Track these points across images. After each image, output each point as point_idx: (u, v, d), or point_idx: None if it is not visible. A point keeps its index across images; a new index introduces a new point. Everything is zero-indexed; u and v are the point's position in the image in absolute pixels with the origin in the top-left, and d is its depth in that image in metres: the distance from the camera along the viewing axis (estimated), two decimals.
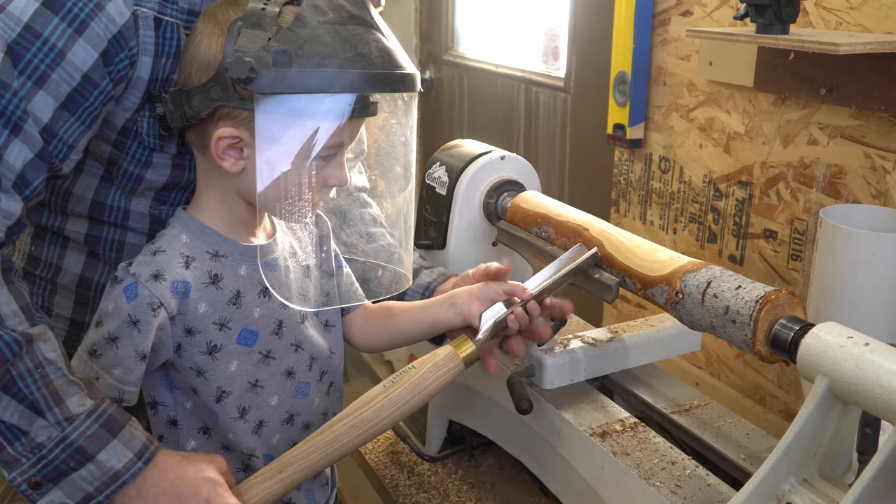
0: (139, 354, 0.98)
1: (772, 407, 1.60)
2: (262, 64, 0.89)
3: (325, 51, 0.91)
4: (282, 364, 1.11)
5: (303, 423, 1.15)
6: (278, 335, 1.10)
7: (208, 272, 1.03)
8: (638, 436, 1.16)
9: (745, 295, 0.96)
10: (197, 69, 0.96)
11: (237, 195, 1.03)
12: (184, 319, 1.02)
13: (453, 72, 2.76)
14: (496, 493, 1.47)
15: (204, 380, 1.05)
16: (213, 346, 1.04)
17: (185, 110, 0.97)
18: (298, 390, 1.14)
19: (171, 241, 1.03)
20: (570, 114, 2.19)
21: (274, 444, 1.12)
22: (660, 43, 1.78)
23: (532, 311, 1.12)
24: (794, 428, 0.86)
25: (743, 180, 1.61)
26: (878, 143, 1.34)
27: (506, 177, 1.49)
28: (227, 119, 0.95)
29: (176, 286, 1.00)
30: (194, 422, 1.09)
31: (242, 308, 1.06)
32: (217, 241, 1.05)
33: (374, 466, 1.59)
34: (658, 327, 1.36)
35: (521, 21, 2.48)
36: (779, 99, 1.50)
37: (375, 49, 0.94)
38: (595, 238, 1.21)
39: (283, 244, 1.12)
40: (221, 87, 0.93)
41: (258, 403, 1.09)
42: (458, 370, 1.06)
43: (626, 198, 1.96)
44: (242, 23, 0.92)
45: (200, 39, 0.96)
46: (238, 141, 0.96)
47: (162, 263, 1.00)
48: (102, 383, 0.98)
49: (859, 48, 1.19)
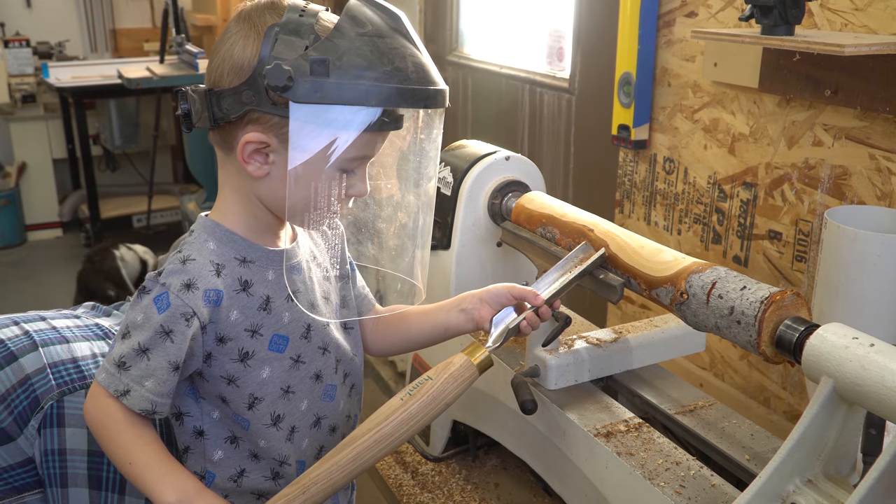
0: (172, 365, 0.97)
1: (776, 408, 1.60)
2: (300, 72, 0.89)
3: (363, 63, 0.90)
4: (311, 368, 1.10)
5: (329, 425, 1.15)
6: (307, 339, 1.09)
7: (238, 279, 1.02)
8: (642, 436, 1.16)
9: (751, 296, 0.96)
10: (229, 71, 0.94)
11: (259, 200, 1.02)
12: (215, 328, 1.00)
13: (458, 72, 2.76)
14: (500, 493, 1.47)
15: (235, 387, 1.03)
16: (245, 354, 1.03)
17: (213, 111, 0.96)
18: (326, 393, 1.13)
19: (198, 248, 1.01)
20: (575, 114, 2.19)
21: (304, 449, 1.11)
22: (665, 44, 1.78)
23: (544, 315, 1.12)
24: (798, 428, 0.86)
25: (748, 181, 1.61)
26: (884, 145, 1.34)
27: (510, 177, 1.49)
28: (257, 123, 0.95)
29: (209, 295, 0.99)
30: (222, 431, 1.07)
31: (273, 313, 1.05)
32: (244, 246, 1.03)
33: (379, 466, 1.59)
34: (662, 328, 1.36)
35: (526, 22, 2.48)
36: (784, 100, 1.50)
37: (412, 64, 0.93)
38: (600, 239, 1.21)
39: (304, 248, 1.12)
40: (254, 92, 0.92)
41: (290, 410, 1.08)
42: (473, 378, 1.05)
43: (630, 199, 1.96)
44: (280, 29, 0.92)
45: (235, 41, 0.94)
46: (265, 146, 0.96)
47: (193, 272, 0.99)
48: (134, 396, 0.96)
49: (864, 49, 1.19)
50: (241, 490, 1.08)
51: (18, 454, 1.14)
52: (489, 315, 1.12)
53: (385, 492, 1.54)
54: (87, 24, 5.61)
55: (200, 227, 1.03)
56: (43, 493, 1.16)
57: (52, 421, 1.14)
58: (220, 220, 1.04)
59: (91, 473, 1.16)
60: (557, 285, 1.14)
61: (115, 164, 5.30)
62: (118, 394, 0.96)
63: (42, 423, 1.14)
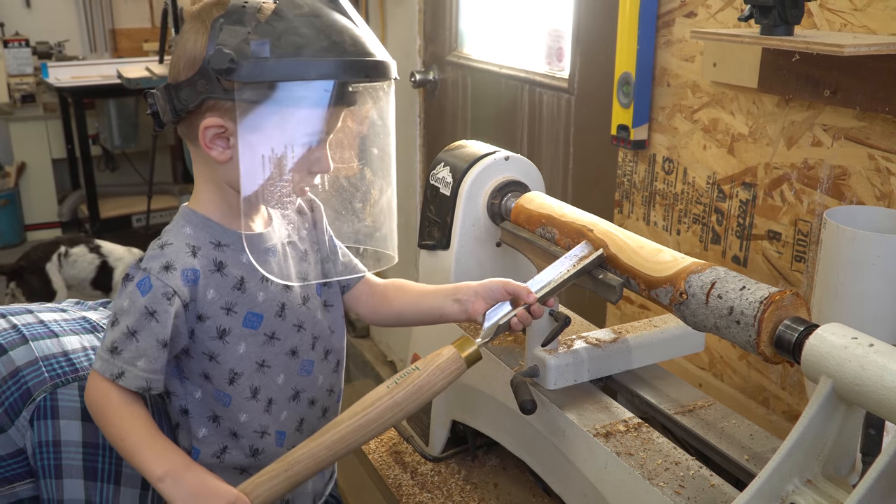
0: (160, 343, 1.04)
1: (775, 408, 1.60)
2: (242, 55, 0.95)
3: (300, 41, 0.97)
4: (286, 344, 1.16)
5: (308, 399, 1.21)
6: (281, 317, 1.15)
7: (213, 260, 1.09)
8: (641, 436, 1.16)
9: (750, 296, 0.96)
10: (184, 65, 1.02)
11: (229, 185, 1.08)
12: (195, 306, 1.07)
13: (457, 72, 2.76)
14: (499, 494, 1.47)
15: (216, 364, 1.11)
16: (222, 331, 1.10)
17: (174, 104, 1.03)
18: (303, 368, 1.19)
19: (176, 233, 1.09)
20: (574, 115, 2.19)
21: (283, 420, 1.18)
22: (664, 44, 1.78)
23: (536, 312, 1.14)
24: (797, 428, 0.86)
25: (747, 182, 1.61)
26: (883, 145, 1.34)
27: (510, 177, 1.49)
28: (214, 110, 1.02)
29: (186, 274, 1.06)
30: (204, 410, 1.14)
31: (247, 293, 1.12)
32: (218, 231, 1.10)
33: (378, 466, 1.59)
34: (662, 328, 1.36)
35: (525, 22, 2.48)
36: (783, 100, 1.50)
37: (349, 38, 1.00)
38: (599, 239, 1.21)
39: (279, 231, 1.18)
40: (207, 80, 0.99)
41: (266, 383, 1.15)
42: (460, 371, 1.08)
43: (629, 199, 1.96)
44: (224, 19, 0.99)
45: (187, 38, 1.03)
46: (224, 130, 1.02)
47: (171, 255, 1.06)
48: (128, 376, 1.03)
49: (864, 49, 1.19)
50: (223, 465, 1.15)
51: (9, 445, 1.16)
52: (483, 309, 1.15)
53: (384, 492, 1.54)
54: (86, 24, 5.61)
55: (179, 215, 1.12)
56: (34, 484, 1.17)
57: (46, 413, 1.16)
58: (196, 207, 1.12)
59: (86, 465, 1.17)
60: (552, 283, 1.15)
61: (114, 163, 5.30)
62: (113, 377, 1.04)
63: (34, 414, 1.16)
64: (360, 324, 3.74)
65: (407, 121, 3.05)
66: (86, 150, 4.61)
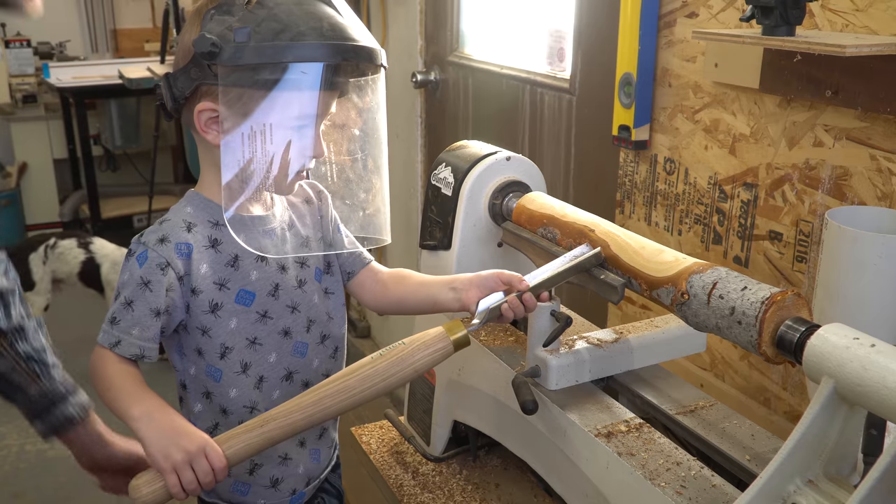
0: (153, 312, 1.09)
1: (776, 408, 1.60)
2: (225, 41, 1.01)
3: (278, 26, 1.02)
4: (278, 324, 1.20)
5: (302, 381, 1.24)
6: (274, 297, 1.19)
7: (208, 237, 1.14)
8: (643, 436, 1.16)
9: (751, 296, 0.96)
10: (181, 56, 1.09)
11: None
12: (189, 280, 1.12)
13: (458, 73, 2.76)
14: (501, 494, 1.47)
15: (208, 338, 1.15)
16: (214, 305, 1.14)
17: (173, 92, 1.09)
18: (296, 349, 1.22)
19: (176, 212, 1.16)
20: (576, 115, 2.19)
21: (274, 400, 1.20)
22: (665, 44, 1.78)
23: (528, 302, 1.16)
24: (799, 429, 0.86)
25: (748, 182, 1.61)
26: (885, 145, 1.34)
27: (511, 178, 1.49)
28: (206, 95, 1.08)
29: (180, 248, 1.12)
30: (198, 387, 1.19)
31: (240, 270, 1.16)
32: (218, 211, 1.14)
33: (379, 466, 1.59)
34: (663, 328, 1.36)
35: (527, 22, 2.48)
36: (784, 101, 1.50)
37: (327, 24, 1.04)
38: (601, 239, 1.21)
39: (281, 216, 1.22)
40: (199, 67, 1.05)
41: (258, 360, 1.18)
42: (446, 351, 1.11)
43: (630, 199, 1.96)
44: (215, 11, 1.04)
45: (185, 31, 1.10)
46: (216, 114, 1.07)
47: (167, 229, 1.13)
48: (124, 344, 1.10)
49: (865, 50, 1.19)
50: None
51: None
52: (476, 298, 1.18)
53: (385, 492, 1.54)
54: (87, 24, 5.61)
55: (184, 198, 1.19)
56: None
57: None
58: (201, 190, 1.19)
59: None
60: (547, 276, 1.17)
61: (115, 164, 5.30)
62: (111, 345, 1.10)
63: None
64: (361, 324, 3.74)
65: (408, 121, 3.05)
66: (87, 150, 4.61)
